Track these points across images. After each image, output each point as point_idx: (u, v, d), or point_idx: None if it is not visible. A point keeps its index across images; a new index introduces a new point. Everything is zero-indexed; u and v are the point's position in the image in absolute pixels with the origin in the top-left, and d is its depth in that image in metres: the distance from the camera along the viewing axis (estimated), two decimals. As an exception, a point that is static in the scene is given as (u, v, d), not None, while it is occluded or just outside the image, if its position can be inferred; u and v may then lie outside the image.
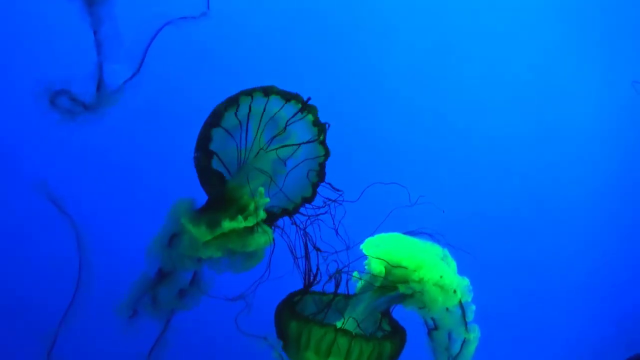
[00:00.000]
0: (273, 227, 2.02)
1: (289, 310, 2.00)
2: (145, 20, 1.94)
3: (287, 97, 1.95)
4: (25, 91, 1.96)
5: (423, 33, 3.50)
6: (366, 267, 2.10)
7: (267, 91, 1.92)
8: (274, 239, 1.97)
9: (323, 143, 2.03)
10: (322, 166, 2.06)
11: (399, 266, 2.06)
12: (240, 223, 1.86)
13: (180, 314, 1.98)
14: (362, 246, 2.10)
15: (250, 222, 1.87)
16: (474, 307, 2.12)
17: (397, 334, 2.07)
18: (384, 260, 2.06)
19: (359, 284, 2.11)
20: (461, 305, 2.11)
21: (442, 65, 3.53)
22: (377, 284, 2.07)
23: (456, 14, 3.53)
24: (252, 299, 1.98)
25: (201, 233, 1.84)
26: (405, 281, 2.05)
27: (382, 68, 3.47)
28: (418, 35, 3.49)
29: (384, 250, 2.08)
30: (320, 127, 2.01)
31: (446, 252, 2.14)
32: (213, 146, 1.90)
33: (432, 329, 2.14)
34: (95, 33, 1.81)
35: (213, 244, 1.87)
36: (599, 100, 3.73)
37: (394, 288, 2.07)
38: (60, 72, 1.88)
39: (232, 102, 1.89)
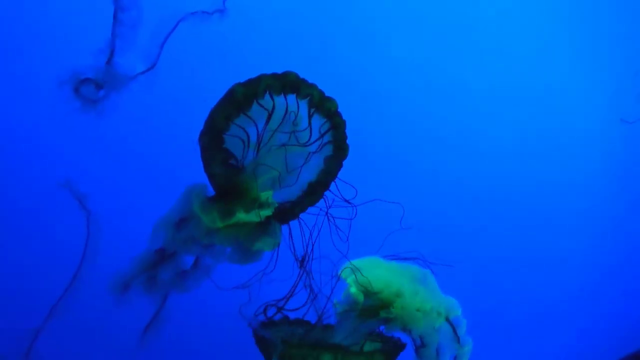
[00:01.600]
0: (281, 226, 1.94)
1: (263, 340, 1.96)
2: (162, 14, 1.95)
3: (304, 86, 1.82)
4: (39, 79, 1.96)
5: (436, 53, 3.56)
6: (346, 292, 2.06)
7: (285, 81, 1.80)
8: (279, 243, 1.91)
9: (338, 141, 1.90)
10: (332, 166, 1.94)
11: (378, 291, 2.03)
12: (252, 217, 1.81)
13: (179, 296, 1.95)
14: (340, 272, 2.05)
15: (260, 218, 1.82)
16: (465, 322, 2.12)
17: (392, 346, 2.03)
18: (363, 286, 2.02)
19: (340, 310, 2.06)
20: (450, 323, 2.11)
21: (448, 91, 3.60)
22: (358, 309, 2.03)
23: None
24: (254, 289, 1.95)
25: (211, 220, 1.80)
26: (386, 306, 2.02)
27: (393, 72, 3.50)
28: (426, 53, 3.55)
29: (363, 275, 2.03)
30: (337, 124, 1.89)
31: (428, 272, 2.11)
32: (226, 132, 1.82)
33: (420, 346, 2.12)
34: (114, 22, 1.82)
35: (220, 233, 1.82)
36: (589, 133, 3.85)
37: (375, 313, 2.03)
38: (76, 62, 1.89)
39: (251, 88, 1.78)
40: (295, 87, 1.82)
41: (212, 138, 1.80)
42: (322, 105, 1.86)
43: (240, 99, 1.78)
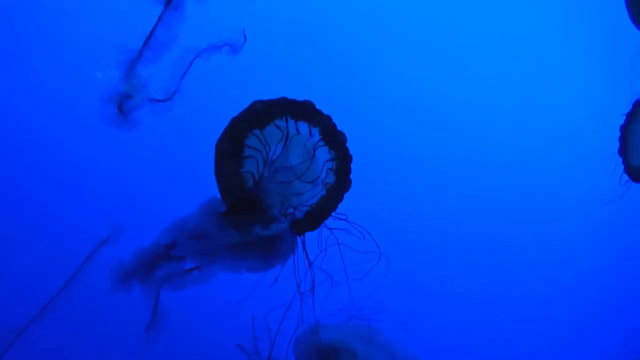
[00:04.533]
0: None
1: None
2: (183, 48, 2.09)
3: (318, 115, 1.99)
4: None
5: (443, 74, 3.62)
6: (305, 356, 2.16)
7: (302, 106, 1.97)
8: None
9: (342, 172, 2.03)
10: (331, 194, 2.05)
11: (334, 352, 2.13)
12: (265, 231, 1.91)
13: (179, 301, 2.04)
14: (295, 342, 2.15)
15: (272, 231, 1.92)
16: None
17: None
18: (320, 347, 2.13)
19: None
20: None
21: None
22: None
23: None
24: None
25: (223, 235, 1.92)
26: None
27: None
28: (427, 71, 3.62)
29: (327, 341, 2.15)
30: (342, 156, 2.03)
31: (379, 332, 2.22)
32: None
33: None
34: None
35: (230, 245, 1.93)
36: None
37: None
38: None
39: (272, 106, 1.95)
40: (309, 114, 1.97)
41: (232, 145, 1.95)
42: (333, 135, 2.01)
43: (261, 113, 1.95)
